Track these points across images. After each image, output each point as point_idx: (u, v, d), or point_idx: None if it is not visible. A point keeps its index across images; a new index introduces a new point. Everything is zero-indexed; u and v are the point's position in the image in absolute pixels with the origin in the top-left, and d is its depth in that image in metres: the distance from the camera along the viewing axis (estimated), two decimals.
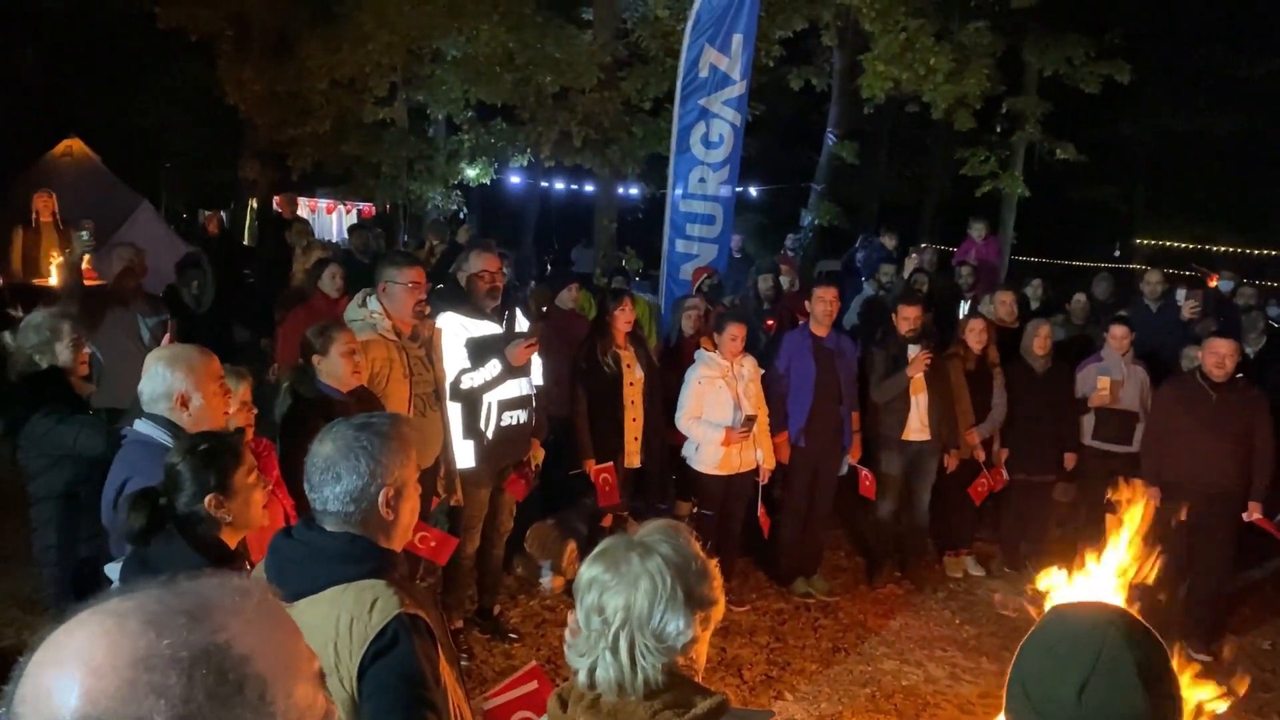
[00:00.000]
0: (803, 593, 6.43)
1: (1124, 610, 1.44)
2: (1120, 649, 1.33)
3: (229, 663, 0.86)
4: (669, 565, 1.64)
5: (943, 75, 11.73)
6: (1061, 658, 1.37)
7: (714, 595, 1.69)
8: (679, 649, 1.62)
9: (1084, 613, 1.43)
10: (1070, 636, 1.38)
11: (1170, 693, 1.35)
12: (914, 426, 6.49)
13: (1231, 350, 5.89)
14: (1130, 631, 1.36)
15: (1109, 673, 1.32)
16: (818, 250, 16.27)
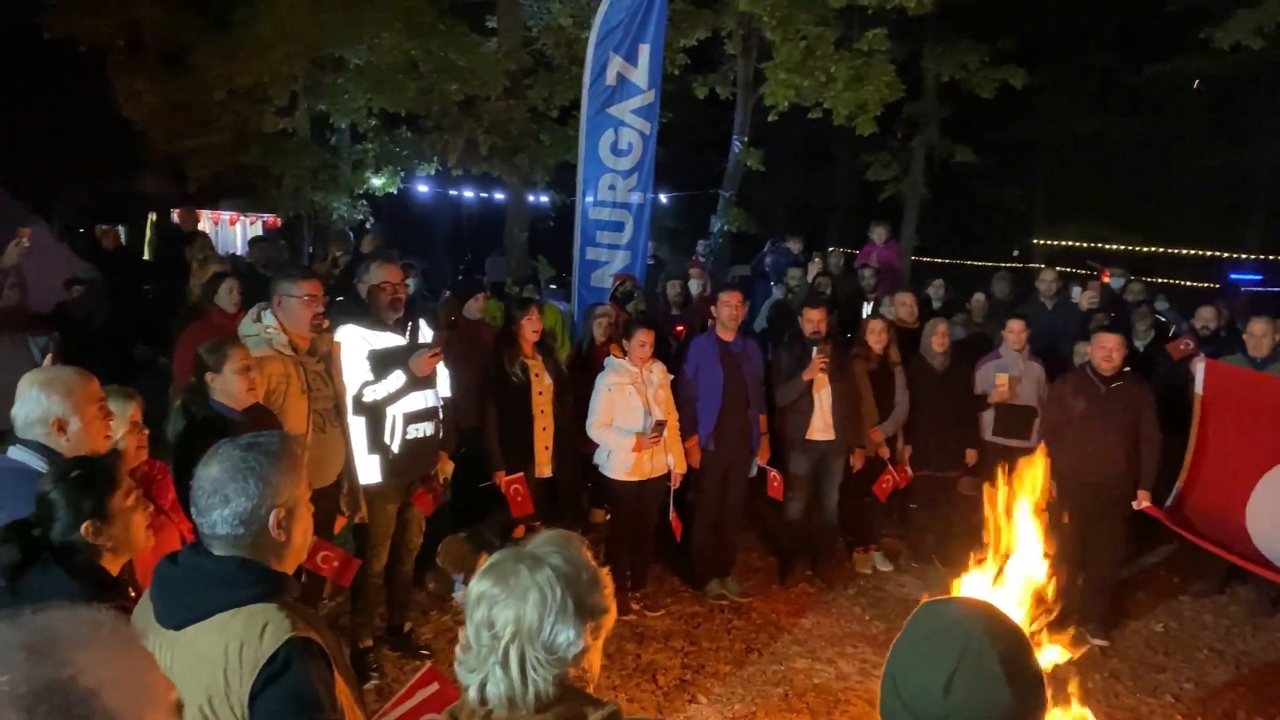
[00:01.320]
0: (717, 595, 6.48)
1: (988, 604, 1.48)
2: (984, 643, 1.37)
3: (74, 697, 0.83)
4: (558, 576, 1.64)
5: (843, 83, 11.96)
6: (928, 653, 1.40)
7: (605, 604, 1.69)
8: (570, 660, 1.62)
9: (950, 608, 1.46)
10: (936, 632, 1.42)
11: (1033, 684, 1.40)
12: (818, 426, 6.60)
13: (1118, 344, 6.12)
14: (994, 625, 1.40)
15: (973, 667, 1.35)
16: (730, 255, 16.45)
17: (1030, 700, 1.37)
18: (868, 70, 12.15)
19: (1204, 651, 6.11)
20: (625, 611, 6.12)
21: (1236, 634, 6.39)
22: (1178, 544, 7.03)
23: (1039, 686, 1.41)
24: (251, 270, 9.15)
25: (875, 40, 12.21)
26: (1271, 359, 6.71)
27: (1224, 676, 5.79)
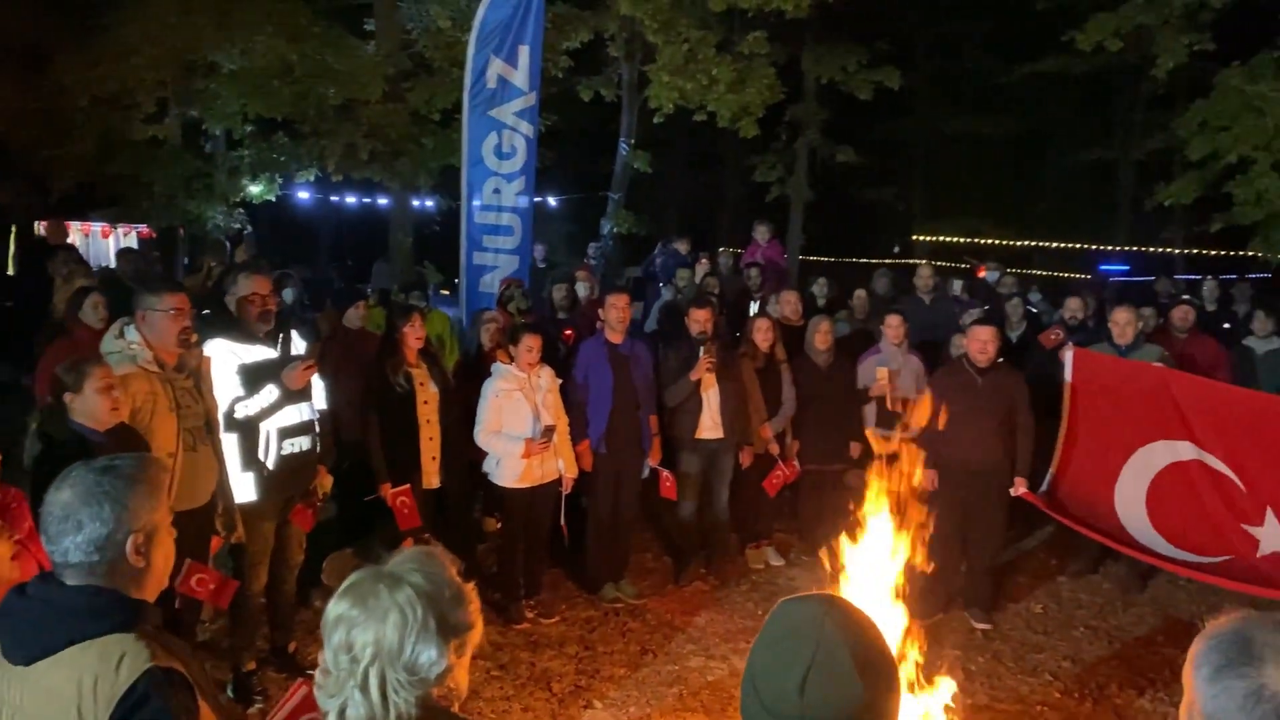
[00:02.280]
0: (611, 598, 6.47)
1: (839, 599, 1.49)
2: (835, 639, 1.38)
3: None
4: (420, 595, 1.59)
5: (725, 85, 12.11)
6: (783, 653, 1.40)
7: (470, 620, 1.66)
8: (433, 680, 1.58)
9: (801, 606, 1.47)
10: (789, 632, 1.42)
11: (886, 677, 1.42)
12: (707, 425, 6.65)
13: (992, 336, 6.32)
14: (845, 620, 1.42)
15: (826, 664, 1.36)
16: (622, 257, 16.50)
17: (881, 689, 1.39)
18: (749, 73, 12.33)
19: (1080, 629, 6.36)
20: (520, 620, 6.06)
21: (1110, 611, 6.67)
22: (1055, 527, 7.29)
23: (890, 674, 1.43)
24: (120, 284, 8.78)
25: (755, 43, 12.40)
26: (1134, 346, 7.02)
27: (1099, 652, 6.03)
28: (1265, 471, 6.15)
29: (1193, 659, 1.47)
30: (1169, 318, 8.12)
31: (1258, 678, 1.37)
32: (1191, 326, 7.91)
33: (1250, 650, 1.39)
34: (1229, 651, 1.41)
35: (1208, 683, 1.42)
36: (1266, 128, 11.17)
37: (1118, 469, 6.60)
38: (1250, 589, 6.29)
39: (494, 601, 6.25)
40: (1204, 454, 6.33)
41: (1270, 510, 6.10)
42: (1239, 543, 6.18)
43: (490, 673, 5.43)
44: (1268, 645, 1.39)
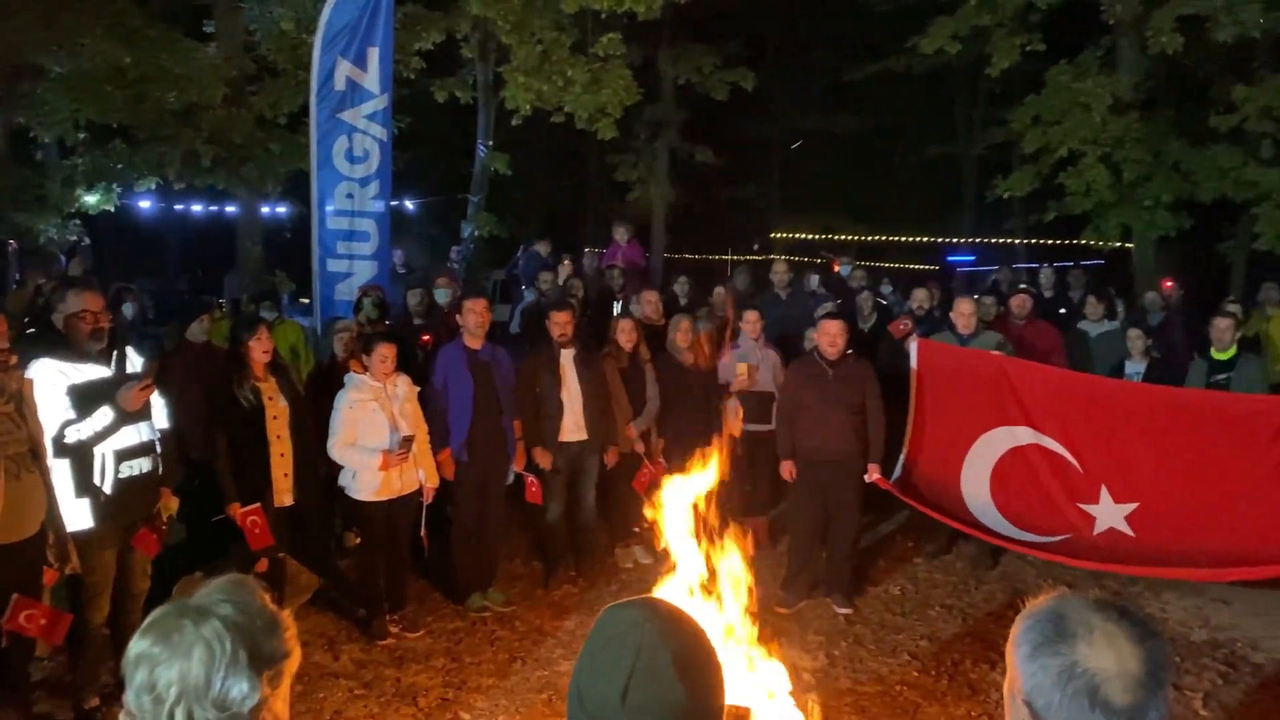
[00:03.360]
0: (479, 607, 6.38)
1: (662, 603, 1.50)
2: (656, 644, 1.38)
3: None
4: (228, 627, 1.52)
5: (581, 86, 12.12)
6: (605, 660, 1.40)
7: (285, 648, 1.59)
8: (246, 714, 1.51)
9: (624, 612, 1.47)
10: (612, 639, 1.42)
11: (709, 680, 1.42)
12: (570, 428, 6.64)
13: (840, 329, 6.50)
14: (666, 625, 1.42)
15: (647, 669, 1.36)
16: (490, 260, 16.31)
17: (704, 692, 1.40)
18: (605, 74, 12.37)
19: (936, 609, 6.60)
20: (383, 636, 5.92)
21: (963, 589, 6.95)
22: (911, 510, 7.53)
23: (714, 676, 1.43)
24: None
25: (610, 45, 12.44)
26: (975, 334, 7.34)
27: (953, 630, 6.28)
28: (1098, 451, 6.51)
29: (1013, 639, 1.52)
30: (1008, 305, 8.51)
31: (1071, 655, 1.42)
32: (1029, 313, 8.31)
33: (1064, 628, 1.45)
34: (1045, 630, 1.46)
35: (1026, 661, 1.47)
36: (1093, 122, 11.85)
37: (963, 454, 6.89)
38: (1088, 564, 6.66)
39: (357, 618, 6.10)
40: (1041, 437, 6.66)
41: (1104, 488, 6.46)
42: (1077, 521, 6.52)
43: (354, 692, 5.28)
44: (1080, 623, 1.44)
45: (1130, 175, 12.12)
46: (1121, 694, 1.37)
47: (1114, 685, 1.38)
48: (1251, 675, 5.70)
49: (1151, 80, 12.81)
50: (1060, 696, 1.40)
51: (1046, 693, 1.42)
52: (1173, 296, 10.51)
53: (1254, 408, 6.29)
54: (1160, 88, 13.28)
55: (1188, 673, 5.71)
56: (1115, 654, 1.40)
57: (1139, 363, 7.73)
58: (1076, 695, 1.39)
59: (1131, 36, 12.40)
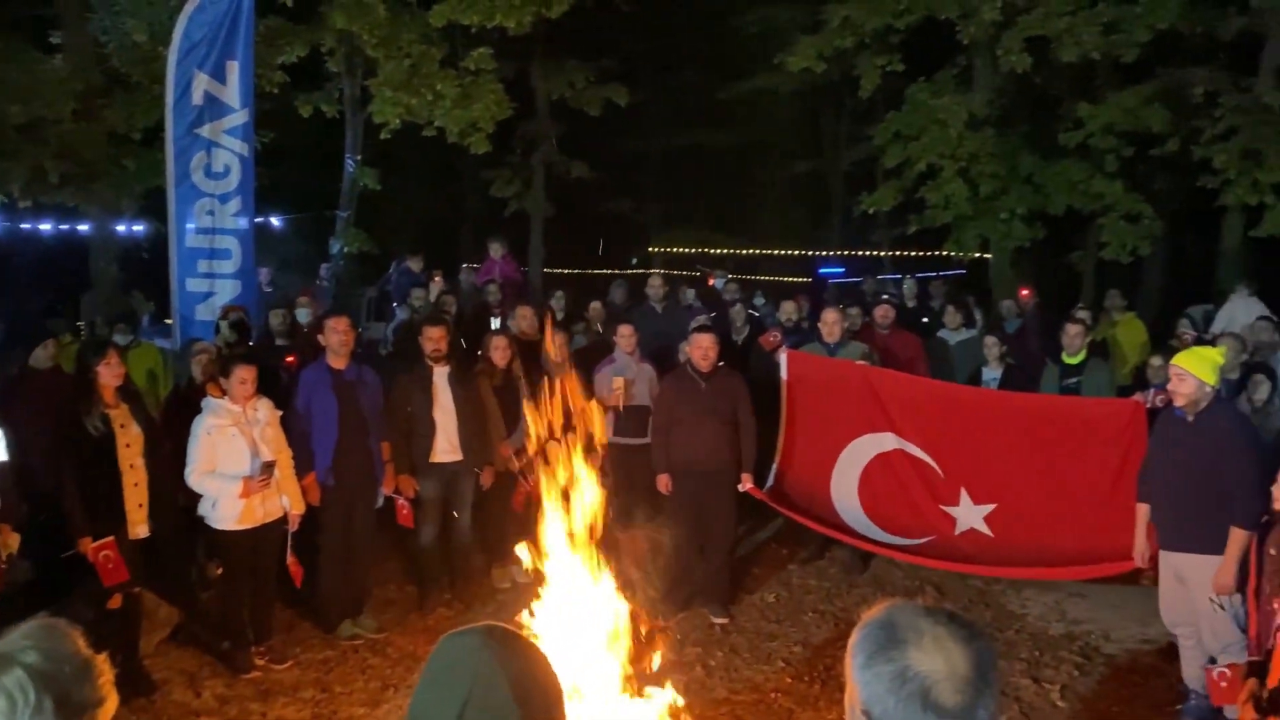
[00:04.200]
0: (350, 635, 6.20)
1: (500, 628, 1.48)
2: (493, 669, 1.36)
3: None
4: (33, 676, 1.43)
5: (451, 101, 12.00)
6: (441, 688, 1.37)
7: (98, 695, 1.50)
8: None
9: (460, 639, 1.45)
10: (448, 666, 1.40)
11: (547, 705, 1.41)
12: (443, 448, 6.54)
13: (712, 342, 6.58)
14: (503, 650, 1.40)
15: (483, 695, 1.34)
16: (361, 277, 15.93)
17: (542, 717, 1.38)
18: (475, 88, 12.29)
19: (809, 614, 6.72)
20: (248, 669, 5.70)
21: (836, 594, 7.10)
22: (785, 517, 7.67)
23: (553, 701, 1.42)
24: None
25: (481, 59, 12.37)
26: (842, 344, 7.54)
27: (826, 634, 6.40)
28: (958, 455, 6.78)
29: (849, 650, 1.53)
30: (872, 315, 8.76)
31: (903, 660, 1.44)
32: (892, 323, 8.57)
33: (896, 635, 1.47)
34: (878, 639, 1.49)
35: (861, 670, 1.49)
36: (950, 137, 12.34)
37: (832, 461, 7.07)
38: (951, 566, 6.91)
39: (220, 652, 5.86)
40: (905, 443, 6.90)
41: (964, 490, 6.73)
42: (939, 523, 6.78)
43: None
44: (910, 629, 1.47)
45: (986, 189, 12.65)
46: (951, 695, 1.41)
47: (944, 687, 1.41)
48: (1104, 665, 5.97)
49: (1004, 98, 13.41)
50: (895, 701, 1.42)
51: (882, 699, 1.44)
52: (1028, 304, 11.00)
53: (1101, 410, 6.64)
54: (1013, 105, 13.89)
55: (1046, 665, 5.95)
56: (944, 657, 1.42)
57: (996, 369, 8.05)
58: (909, 699, 1.41)
59: (985, 56, 12.97)
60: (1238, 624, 4.94)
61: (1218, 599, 4.94)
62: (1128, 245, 12.44)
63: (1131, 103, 11.94)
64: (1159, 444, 5.34)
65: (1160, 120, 11.84)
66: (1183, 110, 12.24)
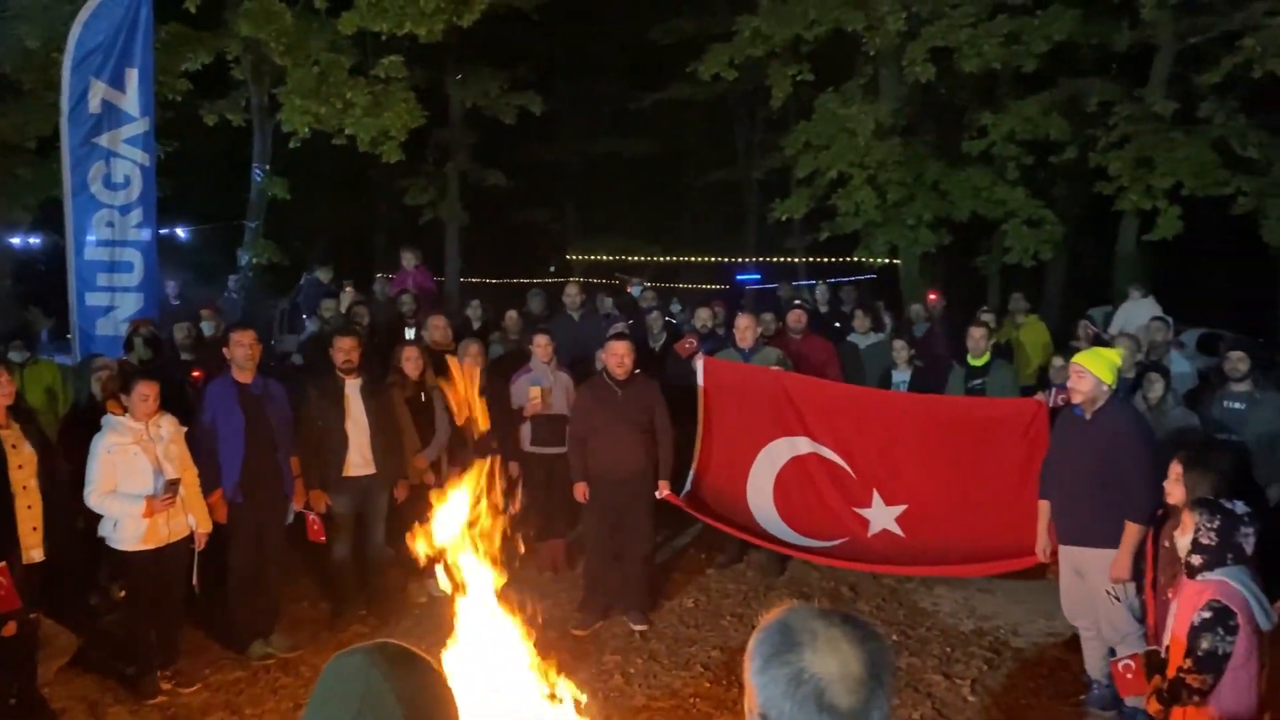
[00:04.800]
0: (261, 655, 6.05)
1: (390, 645, 1.47)
2: (381, 686, 1.35)
3: None
4: None
5: (362, 109, 11.83)
6: (331, 709, 1.36)
7: None
8: None
9: (349, 659, 1.43)
10: (337, 686, 1.38)
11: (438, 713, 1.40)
12: (355, 462, 6.43)
13: (627, 350, 6.59)
14: (393, 667, 1.39)
15: (373, 710, 1.32)
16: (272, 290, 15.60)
17: None
18: (386, 97, 12.14)
19: (727, 618, 6.77)
20: (154, 694, 5.53)
21: (753, 597, 7.16)
22: (702, 523, 7.72)
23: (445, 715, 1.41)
24: None
25: (392, 67, 12.22)
26: (756, 349, 7.63)
27: (744, 638, 6.32)
28: (870, 458, 6.92)
29: (747, 655, 1.54)
30: (786, 321, 8.88)
31: (798, 663, 1.46)
32: (804, 328, 8.70)
33: (791, 638, 1.49)
34: (774, 642, 1.50)
35: (758, 674, 1.50)
36: (858, 146, 12.60)
37: (748, 466, 7.15)
38: (865, 566, 7.05)
39: (124, 677, 5.66)
40: (819, 446, 7.01)
41: (876, 492, 6.87)
42: (853, 524, 6.90)
43: None
44: (805, 631, 1.49)
45: (894, 196, 12.95)
46: (846, 696, 1.43)
47: (838, 688, 1.43)
48: (1013, 659, 6.14)
49: (910, 107, 13.74)
50: (790, 705, 1.44)
51: (778, 703, 1.45)
52: (936, 308, 11.27)
53: (1005, 410, 6.84)
54: (919, 114, 14.25)
55: (958, 661, 6.09)
56: (839, 659, 1.45)
57: (904, 371, 8.24)
58: (804, 701, 1.43)
59: (891, 67, 13.27)
60: (1134, 615, 5.13)
61: (1114, 591, 5.12)
62: (1030, 250, 12.83)
63: (1031, 112, 12.34)
64: (1058, 442, 5.52)
65: (1059, 129, 12.26)
66: (1080, 119, 12.70)
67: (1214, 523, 3.73)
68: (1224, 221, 13.56)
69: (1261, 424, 6.70)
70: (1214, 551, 3.70)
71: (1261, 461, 6.60)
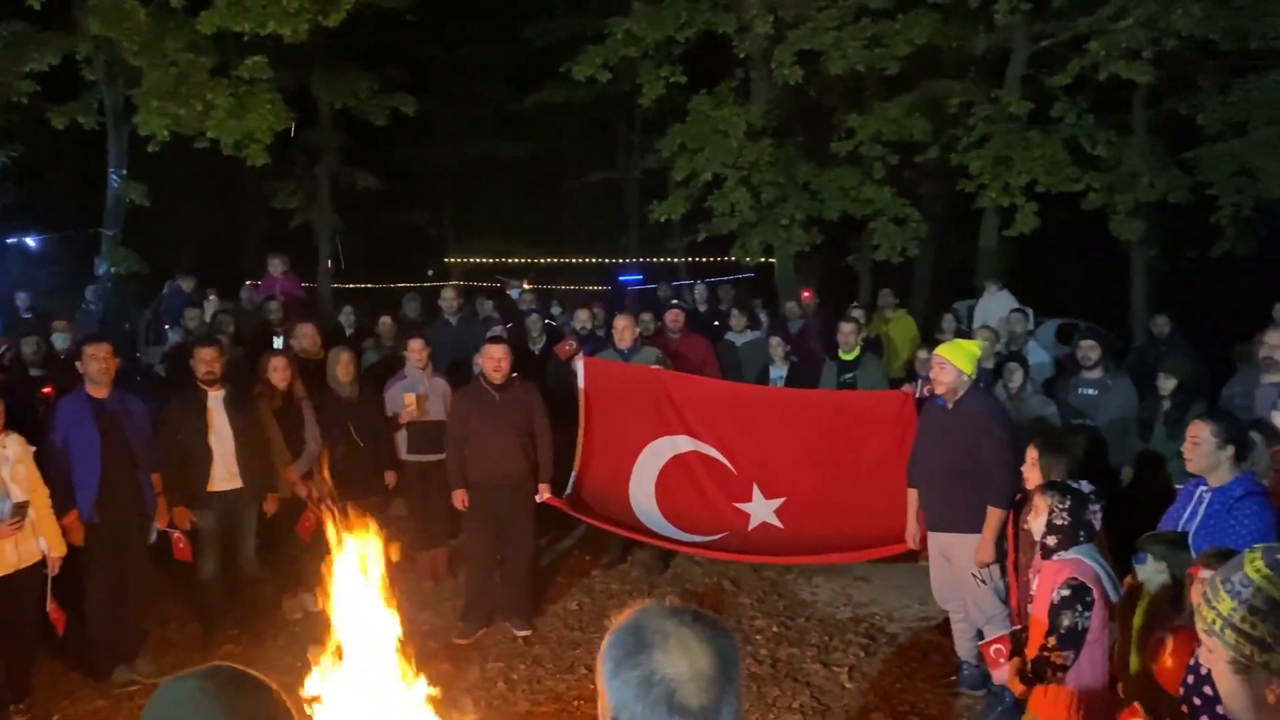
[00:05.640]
0: (125, 682, 5.78)
1: (223, 668, 1.42)
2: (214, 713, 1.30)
3: None
4: None
5: (224, 111, 11.41)
6: None
7: None
8: None
9: (180, 684, 1.39)
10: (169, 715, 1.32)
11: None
12: (221, 476, 6.20)
13: (504, 354, 6.54)
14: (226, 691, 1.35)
15: None
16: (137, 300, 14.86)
17: None
18: (250, 98, 11.72)
19: (612, 619, 6.74)
20: None
21: (637, 596, 7.15)
22: (586, 525, 7.71)
23: None
24: None
25: (255, 68, 11.80)
26: (635, 349, 7.66)
27: None
28: (749, 453, 7.04)
29: (599, 659, 1.53)
30: (664, 320, 8.95)
31: (649, 664, 1.44)
32: (682, 327, 8.78)
33: (642, 639, 1.48)
34: (625, 645, 1.49)
35: (609, 678, 1.48)
36: (731, 148, 12.77)
37: (630, 465, 7.19)
38: (746, 558, 7.18)
39: None
40: (699, 443, 7.09)
41: (756, 486, 6.98)
42: (733, 518, 7.01)
43: None
44: (657, 632, 1.48)
45: (768, 196, 13.15)
46: (696, 695, 1.43)
47: (689, 689, 1.42)
48: (888, 645, 6.33)
49: (781, 109, 13.97)
50: (642, 707, 1.43)
51: (629, 706, 1.44)
52: (810, 305, 11.51)
53: (875, 402, 7.06)
54: (790, 115, 14.53)
55: (835, 649, 6.24)
56: (688, 658, 1.44)
57: (781, 367, 8.40)
58: (655, 704, 1.42)
59: (761, 69, 13.48)
60: (999, 597, 5.34)
61: (979, 574, 5.32)
62: (897, 247, 13.22)
63: (896, 113, 12.71)
64: (923, 431, 5.71)
65: (921, 129, 12.66)
66: (941, 120, 13.14)
67: (1065, 503, 3.90)
68: (1078, 217, 14.26)
69: (1113, 409, 7.08)
70: (1067, 531, 3.88)
71: (1114, 444, 6.97)
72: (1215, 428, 4.04)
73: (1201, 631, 1.79)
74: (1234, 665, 1.72)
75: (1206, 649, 1.79)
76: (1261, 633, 1.68)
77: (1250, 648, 1.69)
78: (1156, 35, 11.79)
